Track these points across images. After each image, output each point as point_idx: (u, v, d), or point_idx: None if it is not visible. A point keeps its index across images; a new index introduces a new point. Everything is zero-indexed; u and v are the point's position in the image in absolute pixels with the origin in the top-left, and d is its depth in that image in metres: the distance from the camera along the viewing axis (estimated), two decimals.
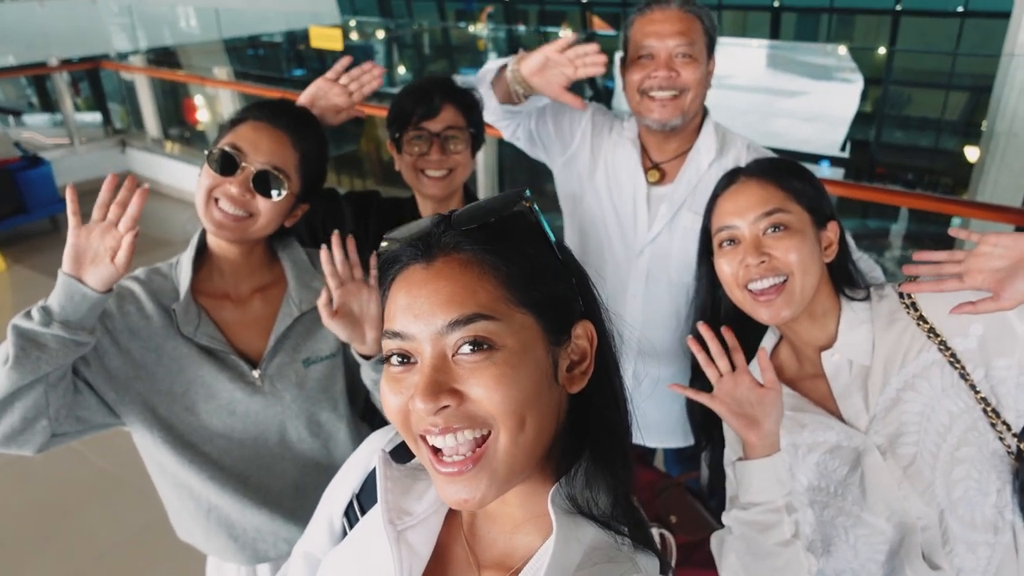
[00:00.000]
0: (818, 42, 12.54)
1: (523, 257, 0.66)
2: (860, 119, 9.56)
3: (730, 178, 1.21)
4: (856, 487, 1.16)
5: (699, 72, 1.57)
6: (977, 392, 1.09)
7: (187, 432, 1.29)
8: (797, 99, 9.82)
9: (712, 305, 1.28)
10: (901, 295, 1.15)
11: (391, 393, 0.66)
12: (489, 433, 0.62)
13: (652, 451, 2.01)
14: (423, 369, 0.63)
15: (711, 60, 1.63)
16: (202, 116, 7.19)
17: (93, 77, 7.09)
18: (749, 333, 1.26)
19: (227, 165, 1.23)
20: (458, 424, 0.61)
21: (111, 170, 1.15)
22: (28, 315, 1.10)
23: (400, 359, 0.65)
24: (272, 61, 11.80)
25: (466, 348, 0.62)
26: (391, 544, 0.69)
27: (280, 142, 1.26)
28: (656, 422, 1.82)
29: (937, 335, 1.11)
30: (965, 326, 1.09)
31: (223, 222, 1.24)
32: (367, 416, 1.49)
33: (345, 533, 0.82)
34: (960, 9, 10.83)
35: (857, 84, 9.48)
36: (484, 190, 4.15)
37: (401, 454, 0.80)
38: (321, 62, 12.03)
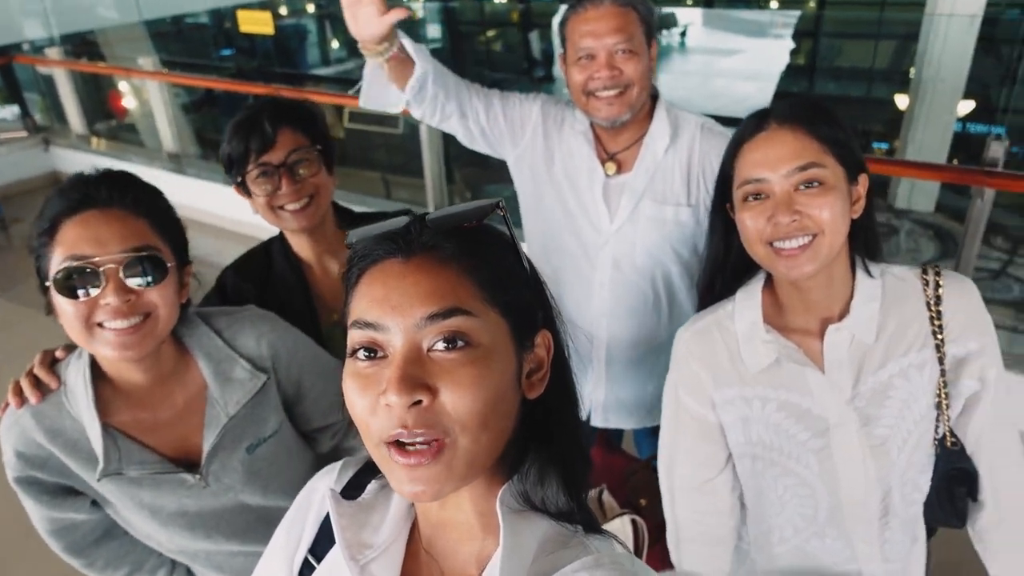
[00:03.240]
0: (751, 7, 12.62)
1: (496, 261, 0.68)
2: (795, 72, 9.72)
3: (759, 122, 1.10)
4: (813, 455, 1.17)
5: (641, 64, 1.56)
6: (945, 394, 1.13)
7: (144, 533, 1.26)
8: (735, 58, 9.91)
9: (724, 253, 1.21)
10: (926, 282, 1.12)
11: (357, 392, 0.64)
12: (444, 439, 0.62)
13: (620, 433, 2.05)
14: (395, 361, 0.62)
15: (652, 45, 1.61)
16: (129, 104, 6.89)
17: (6, 70, 6.71)
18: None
19: (85, 281, 1.01)
20: (422, 428, 0.61)
21: (34, 171, 1.09)
22: None
23: (368, 353, 0.64)
24: (198, 44, 11.34)
25: (441, 345, 0.62)
26: None
27: (121, 219, 1.04)
28: (629, 404, 1.86)
29: (942, 336, 1.10)
30: (968, 337, 1.10)
31: (123, 341, 1.03)
32: None
33: None
34: None
35: (787, 40, 9.62)
36: (433, 190, 4.08)
37: (349, 492, 0.79)
38: (250, 40, 11.62)
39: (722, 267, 1.22)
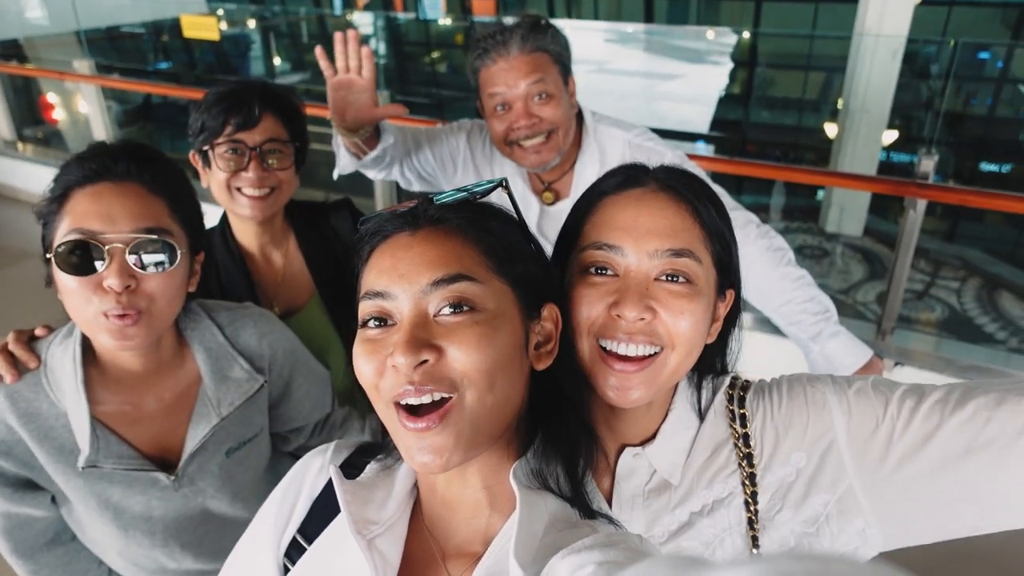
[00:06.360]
0: (689, 24, 13.08)
1: (501, 234, 0.71)
2: (730, 100, 10.09)
3: (632, 176, 0.85)
4: None
5: (561, 106, 1.50)
6: (755, 545, 0.86)
7: (94, 536, 1.19)
8: (675, 82, 10.23)
9: None
10: (731, 398, 0.87)
11: (365, 357, 0.66)
12: (453, 395, 0.64)
13: None
14: (403, 326, 0.64)
15: (570, 81, 1.56)
16: (59, 115, 6.67)
17: None
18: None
19: (88, 258, 0.93)
20: (430, 384, 0.62)
21: None
22: None
23: (378, 322, 0.66)
24: (135, 54, 11.07)
25: (447, 309, 0.64)
26: (364, 552, 0.67)
27: (137, 195, 0.97)
28: None
29: (752, 464, 0.84)
30: (787, 454, 0.84)
31: (124, 330, 0.95)
32: None
33: (287, 570, 0.77)
34: None
35: (725, 66, 10.00)
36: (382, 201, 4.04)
37: (346, 471, 0.78)
38: (188, 54, 11.40)
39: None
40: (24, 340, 1.08)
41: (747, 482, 0.84)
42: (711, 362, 0.89)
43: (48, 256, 0.96)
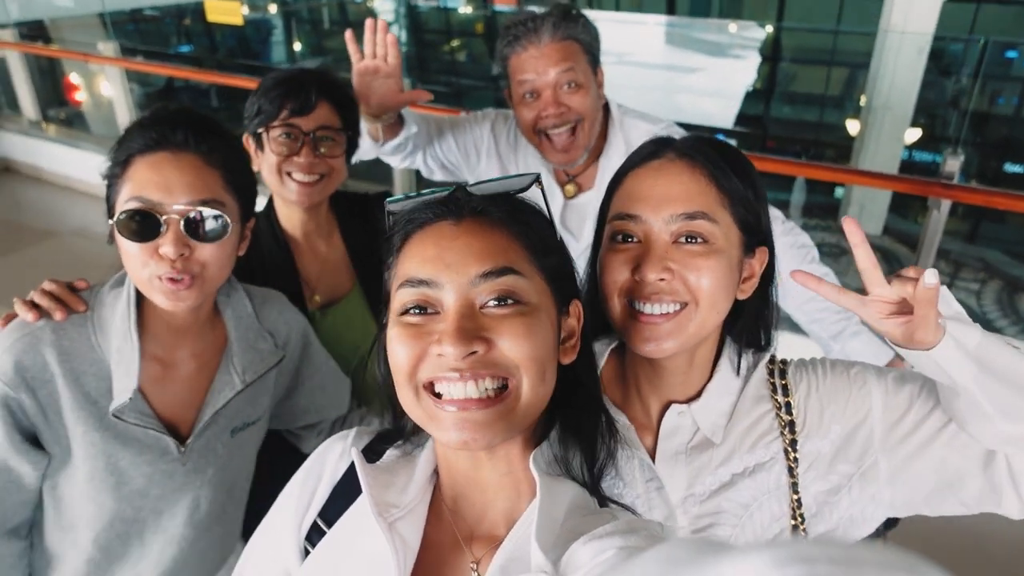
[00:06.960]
0: (711, 18, 12.96)
1: (538, 229, 0.72)
2: (752, 95, 10.00)
3: (653, 150, 0.90)
4: None
5: (589, 96, 1.51)
6: (799, 508, 0.91)
7: (76, 513, 1.14)
8: (696, 75, 10.15)
9: (592, 299, 0.96)
10: (772, 371, 0.94)
11: (404, 342, 0.66)
12: (508, 382, 0.65)
13: None
14: (450, 316, 0.64)
15: (599, 72, 1.57)
16: (82, 96, 6.74)
17: None
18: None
19: (147, 226, 0.99)
20: (484, 371, 0.63)
21: None
22: None
23: (419, 310, 0.66)
24: (158, 36, 11.13)
25: (493, 302, 0.65)
26: (385, 534, 0.68)
27: (194, 167, 1.02)
28: None
29: (793, 432, 0.91)
30: (828, 426, 0.90)
31: (177, 292, 1.02)
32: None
33: (307, 553, 0.78)
34: None
35: (751, 60, 9.91)
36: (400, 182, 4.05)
37: (367, 456, 0.79)
38: (210, 38, 11.46)
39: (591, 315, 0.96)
40: (64, 285, 1.11)
41: (789, 448, 0.90)
42: (754, 330, 0.94)
43: (110, 221, 1.03)
